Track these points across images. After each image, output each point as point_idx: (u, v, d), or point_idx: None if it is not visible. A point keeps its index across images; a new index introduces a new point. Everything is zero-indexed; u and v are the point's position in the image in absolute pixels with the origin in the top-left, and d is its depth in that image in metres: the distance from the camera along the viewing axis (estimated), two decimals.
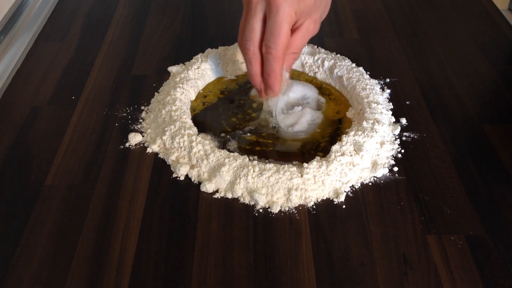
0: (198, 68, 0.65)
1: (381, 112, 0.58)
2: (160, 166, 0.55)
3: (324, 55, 0.66)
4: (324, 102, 0.62)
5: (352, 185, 0.52)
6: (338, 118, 0.60)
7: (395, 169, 0.54)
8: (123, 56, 0.72)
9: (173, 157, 0.55)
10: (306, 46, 0.68)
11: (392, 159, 0.55)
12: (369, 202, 0.50)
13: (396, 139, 0.57)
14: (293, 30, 0.52)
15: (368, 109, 0.58)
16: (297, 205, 0.50)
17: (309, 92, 0.62)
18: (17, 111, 0.62)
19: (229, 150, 0.54)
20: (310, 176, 0.50)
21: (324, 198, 0.51)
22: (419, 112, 0.61)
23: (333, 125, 0.59)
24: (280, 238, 0.47)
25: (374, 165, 0.53)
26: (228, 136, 0.58)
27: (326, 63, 0.65)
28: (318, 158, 0.53)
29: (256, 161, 0.52)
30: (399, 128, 0.58)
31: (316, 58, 0.66)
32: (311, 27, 0.52)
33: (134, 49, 0.74)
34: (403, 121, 0.59)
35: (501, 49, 0.72)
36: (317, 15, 0.52)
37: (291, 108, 0.60)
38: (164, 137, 0.56)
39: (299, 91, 0.62)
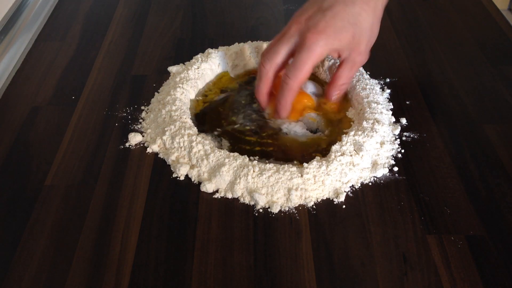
0: (198, 68, 0.65)
1: (381, 112, 0.58)
2: (160, 166, 0.55)
3: None
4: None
5: (352, 185, 0.52)
6: (338, 118, 0.60)
7: (395, 169, 0.54)
8: (123, 56, 0.72)
9: (173, 157, 0.55)
10: None
11: (392, 159, 0.55)
12: (369, 202, 0.50)
13: (396, 139, 0.57)
14: (340, 63, 0.55)
15: (368, 109, 0.58)
16: (297, 205, 0.50)
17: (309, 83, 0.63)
18: (17, 111, 0.62)
19: (229, 150, 0.54)
20: (310, 176, 0.50)
21: (324, 198, 0.51)
22: (419, 112, 0.61)
23: (333, 125, 0.59)
24: (280, 238, 0.47)
25: (374, 165, 0.53)
26: (228, 136, 0.58)
27: (326, 63, 0.65)
28: (318, 158, 0.53)
29: (256, 161, 0.52)
30: (399, 128, 0.58)
31: None
32: (357, 59, 0.54)
33: (134, 49, 0.74)
34: (403, 121, 0.59)
35: (501, 49, 0.72)
36: (362, 47, 0.53)
37: None
38: (164, 137, 0.56)
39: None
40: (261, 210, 0.50)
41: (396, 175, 0.53)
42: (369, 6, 0.52)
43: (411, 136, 0.58)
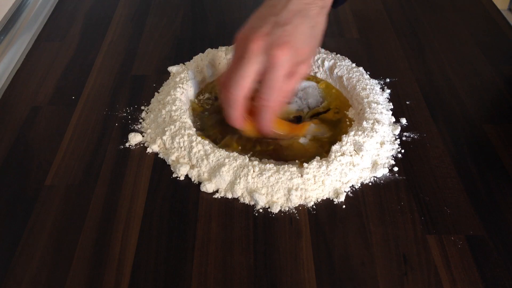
0: (198, 68, 0.65)
1: (381, 112, 0.58)
2: (160, 166, 0.55)
3: (324, 55, 0.66)
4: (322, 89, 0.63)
5: (352, 185, 0.52)
6: (338, 118, 0.60)
7: (395, 169, 0.54)
8: (123, 56, 0.72)
9: (173, 157, 0.55)
10: None
11: (392, 159, 0.55)
12: (369, 202, 0.50)
13: (396, 139, 0.57)
14: (288, 77, 0.50)
15: (368, 109, 0.58)
16: (297, 205, 0.50)
17: (309, 84, 0.63)
18: (17, 111, 0.62)
19: (229, 150, 0.54)
20: (310, 176, 0.50)
21: (324, 198, 0.51)
22: (419, 112, 0.61)
23: (333, 125, 0.59)
24: (280, 238, 0.47)
25: (374, 165, 0.53)
26: (228, 136, 0.57)
27: (326, 63, 0.65)
28: (318, 158, 0.53)
29: (256, 161, 0.52)
30: (399, 128, 0.58)
31: (316, 58, 0.66)
32: (305, 72, 0.51)
33: (134, 49, 0.74)
34: (403, 121, 0.59)
35: (501, 49, 0.72)
36: (310, 59, 0.52)
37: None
38: (164, 137, 0.56)
39: (300, 85, 0.63)
40: (261, 210, 0.50)
41: (396, 175, 0.53)
42: (322, 19, 0.52)
43: (411, 136, 0.58)
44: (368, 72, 0.65)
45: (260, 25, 0.49)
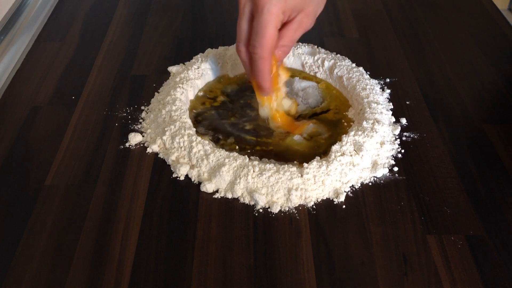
0: (198, 68, 0.65)
1: (381, 112, 0.58)
2: (160, 166, 0.55)
3: (324, 55, 0.66)
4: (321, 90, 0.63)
5: (352, 185, 0.52)
6: (338, 118, 0.60)
7: (395, 169, 0.54)
8: (123, 56, 0.72)
9: (173, 157, 0.55)
10: (306, 46, 0.68)
11: (392, 159, 0.55)
12: (369, 202, 0.50)
13: (396, 139, 0.57)
14: (285, 24, 0.51)
15: (368, 109, 0.58)
16: (297, 205, 0.50)
17: (310, 84, 0.63)
18: (17, 111, 0.62)
19: (228, 150, 0.54)
20: (310, 176, 0.50)
21: (324, 198, 0.51)
22: (419, 112, 0.61)
23: (333, 125, 0.59)
24: (280, 238, 0.47)
25: (374, 165, 0.53)
26: (228, 136, 0.58)
27: (326, 63, 0.65)
28: (318, 158, 0.53)
29: (256, 161, 0.52)
30: (399, 128, 0.58)
31: (316, 58, 0.66)
32: (304, 20, 0.51)
33: (134, 49, 0.74)
34: (403, 121, 0.59)
35: (501, 49, 0.72)
36: (310, 8, 0.51)
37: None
38: (164, 137, 0.56)
39: (301, 85, 0.63)
40: (261, 210, 0.50)
41: (396, 175, 0.53)
42: None
43: (411, 136, 0.58)
44: (368, 72, 0.65)
45: None
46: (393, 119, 0.59)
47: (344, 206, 0.50)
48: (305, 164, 0.51)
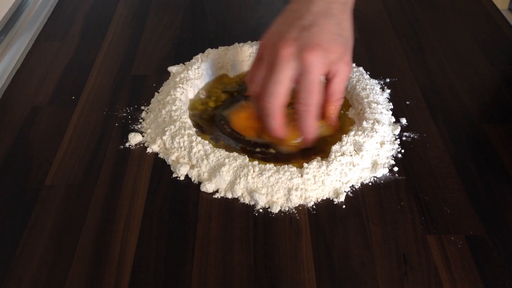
0: (198, 68, 0.65)
1: (381, 112, 0.58)
2: (160, 166, 0.55)
3: None
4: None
5: (352, 185, 0.52)
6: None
7: (395, 169, 0.54)
8: (123, 56, 0.72)
9: (173, 157, 0.55)
10: None
11: (392, 159, 0.55)
12: (369, 202, 0.50)
13: (396, 139, 0.57)
14: (330, 79, 0.52)
15: (368, 109, 0.58)
16: (297, 205, 0.50)
17: None
18: (17, 111, 0.62)
19: (228, 150, 0.54)
20: (310, 176, 0.50)
21: (324, 198, 0.51)
22: (419, 112, 0.61)
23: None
24: (280, 238, 0.47)
25: (374, 165, 0.53)
26: (227, 136, 0.58)
27: None
28: (318, 158, 0.53)
29: (256, 161, 0.52)
30: (399, 128, 0.58)
31: None
32: (346, 70, 0.52)
33: (134, 49, 0.74)
34: (403, 121, 0.59)
35: (501, 49, 0.72)
36: (348, 57, 0.52)
37: None
38: (164, 137, 0.56)
39: None
40: (261, 210, 0.50)
41: (396, 175, 0.53)
42: (347, 15, 0.52)
43: (411, 136, 0.58)
44: (368, 72, 0.65)
45: (286, 30, 0.50)
46: (393, 119, 0.59)
47: (344, 206, 0.50)
48: (305, 164, 0.51)
